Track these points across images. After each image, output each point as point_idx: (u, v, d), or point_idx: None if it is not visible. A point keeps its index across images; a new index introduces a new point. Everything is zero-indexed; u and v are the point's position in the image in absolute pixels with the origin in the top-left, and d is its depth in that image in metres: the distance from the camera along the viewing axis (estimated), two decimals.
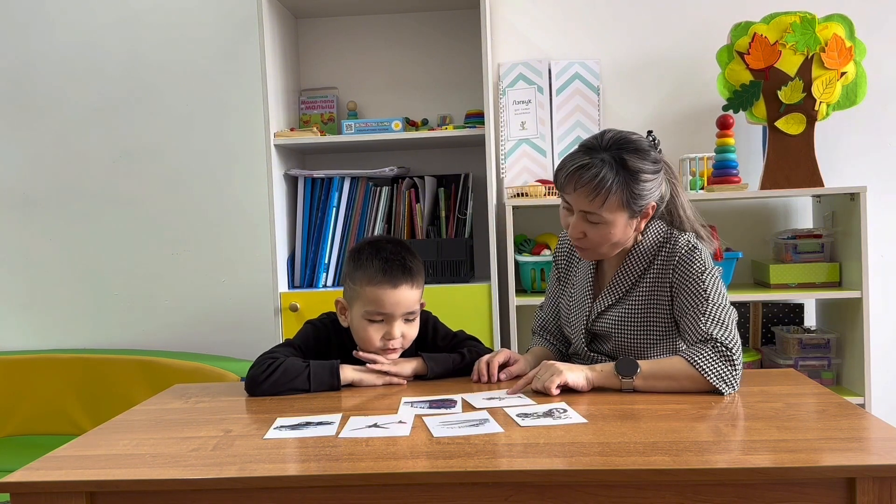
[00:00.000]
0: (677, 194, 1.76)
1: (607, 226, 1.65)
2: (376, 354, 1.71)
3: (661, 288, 1.70)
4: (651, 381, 1.55)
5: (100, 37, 3.10)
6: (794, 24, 2.54)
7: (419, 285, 1.74)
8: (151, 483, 1.14)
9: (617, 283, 1.74)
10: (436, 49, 2.98)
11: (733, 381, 1.52)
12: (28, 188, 3.16)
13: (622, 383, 1.56)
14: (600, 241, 1.67)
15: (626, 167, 1.61)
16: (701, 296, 1.62)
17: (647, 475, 1.10)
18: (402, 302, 1.69)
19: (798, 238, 2.65)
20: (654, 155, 1.68)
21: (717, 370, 1.52)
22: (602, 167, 1.60)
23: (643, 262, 1.72)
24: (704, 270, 1.65)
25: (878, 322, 2.79)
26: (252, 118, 3.00)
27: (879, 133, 2.85)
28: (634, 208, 1.65)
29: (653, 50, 2.91)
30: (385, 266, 1.69)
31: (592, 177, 1.60)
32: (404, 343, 1.74)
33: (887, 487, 1.09)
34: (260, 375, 1.64)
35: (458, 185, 2.77)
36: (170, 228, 3.11)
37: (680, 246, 1.68)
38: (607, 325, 1.75)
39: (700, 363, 1.52)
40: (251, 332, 2.99)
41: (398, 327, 1.71)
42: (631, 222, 1.67)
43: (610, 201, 1.61)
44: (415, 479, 1.12)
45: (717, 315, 1.59)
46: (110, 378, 2.86)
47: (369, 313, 1.70)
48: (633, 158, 1.62)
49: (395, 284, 1.68)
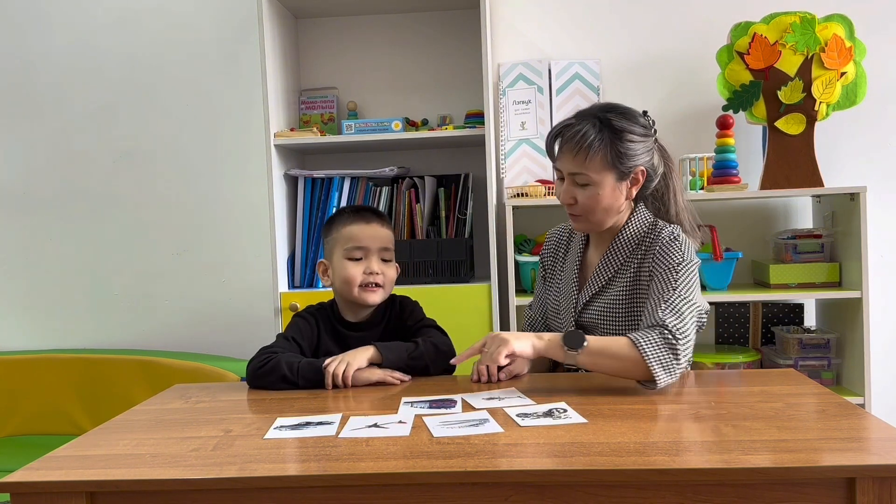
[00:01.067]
0: (672, 179, 1.79)
1: (595, 187, 1.69)
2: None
3: (644, 277, 1.71)
4: (596, 358, 1.54)
5: (100, 37, 3.10)
6: (794, 25, 2.54)
7: (390, 227, 1.90)
8: (151, 483, 1.14)
9: (602, 269, 1.77)
10: (436, 49, 2.98)
11: (672, 370, 1.50)
12: (28, 188, 3.16)
13: (566, 355, 1.55)
14: (591, 205, 1.71)
15: (610, 126, 1.67)
16: (670, 284, 1.63)
17: (647, 475, 1.10)
18: (377, 235, 1.84)
19: (798, 238, 2.65)
20: (644, 122, 1.73)
21: (658, 356, 1.50)
22: (585, 125, 1.68)
23: (628, 248, 1.74)
24: (681, 262, 1.65)
25: (878, 322, 2.79)
26: (252, 118, 3.00)
27: (879, 133, 2.85)
28: (621, 168, 1.68)
29: (653, 50, 2.91)
30: (356, 208, 1.91)
31: (575, 133, 1.67)
32: (385, 283, 1.84)
33: (887, 487, 1.09)
34: (256, 368, 1.71)
35: (458, 185, 2.77)
36: (170, 228, 3.11)
37: (663, 235, 1.70)
38: (594, 316, 1.76)
39: (644, 347, 1.51)
40: (251, 332, 2.99)
41: (376, 262, 1.83)
42: (619, 185, 1.70)
43: (594, 158, 1.66)
44: (415, 479, 1.12)
45: (676, 305, 1.59)
46: (110, 378, 2.86)
47: (348, 251, 1.83)
48: (618, 119, 1.68)
49: (367, 221, 1.85)
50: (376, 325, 1.89)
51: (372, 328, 1.88)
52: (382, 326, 1.89)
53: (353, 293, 1.83)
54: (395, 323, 1.90)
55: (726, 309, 2.85)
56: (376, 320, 1.89)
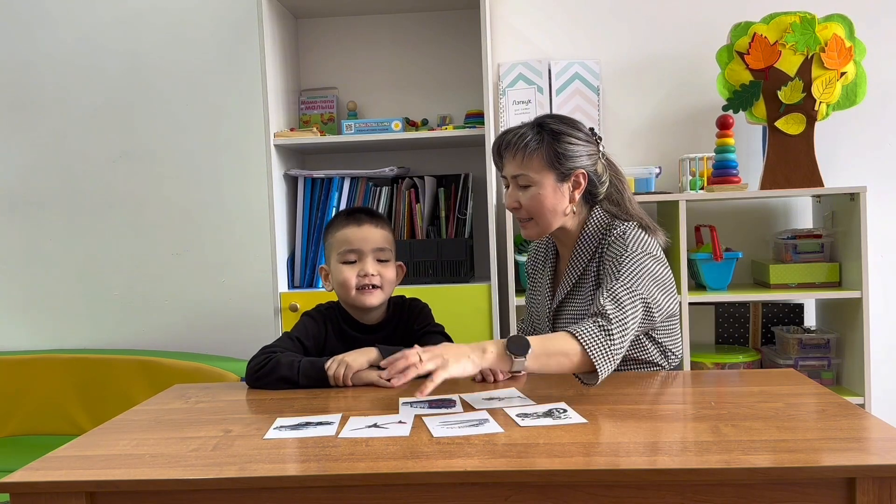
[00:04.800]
0: (623, 189, 1.83)
1: (537, 187, 1.74)
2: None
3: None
4: (543, 360, 1.47)
5: (100, 37, 3.10)
6: (794, 24, 2.54)
7: (385, 229, 1.87)
8: (151, 483, 1.14)
9: (569, 273, 1.80)
10: (436, 49, 2.98)
11: (610, 357, 1.47)
12: (28, 188, 3.16)
13: (514, 363, 1.46)
14: (535, 207, 1.75)
15: (549, 129, 1.74)
16: (613, 276, 1.65)
17: (647, 475, 1.10)
18: (369, 237, 1.83)
19: (798, 238, 2.65)
20: (585, 130, 1.79)
21: (597, 345, 1.47)
22: (523, 129, 1.76)
23: (589, 250, 1.78)
24: (625, 254, 1.67)
25: (878, 322, 2.79)
26: (252, 118, 3.00)
27: (879, 133, 2.85)
28: (561, 169, 1.73)
29: (653, 50, 2.91)
30: (349, 212, 1.90)
31: (514, 135, 1.76)
32: (383, 283, 1.83)
33: (887, 487, 1.09)
34: (255, 369, 1.71)
35: (458, 185, 2.77)
36: (170, 228, 3.11)
37: (616, 233, 1.73)
38: (566, 320, 1.79)
39: (584, 338, 1.48)
40: (251, 332, 2.99)
41: (370, 264, 1.82)
42: (560, 187, 1.74)
43: (532, 158, 1.73)
44: (415, 479, 1.12)
45: (617, 294, 1.58)
46: (110, 378, 2.86)
47: (342, 255, 1.83)
48: (557, 123, 1.76)
49: (359, 223, 1.84)
50: (384, 327, 1.89)
51: (379, 331, 1.88)
52: (390, 329, 1.89)
53: (351, 296, 1.83)
54: (403, 326, 1.89)
55: (726, 309, 2.85)
56: (384, 323, 1.89)
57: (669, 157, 2.87)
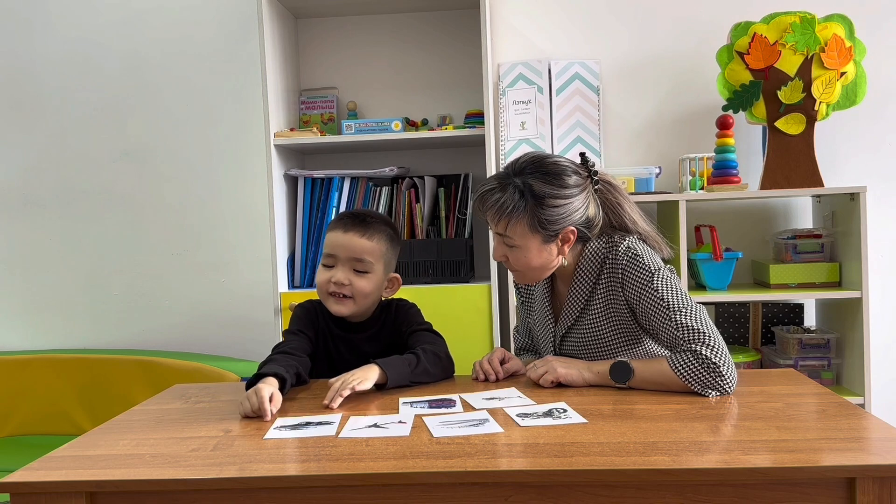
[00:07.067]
0: (623, 210, 1.72)
1: (521, 250, 1.66)
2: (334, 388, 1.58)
3: (615, 301, 1.68)
4: (643, 385, 1.56)
5: (100, 37, 3.10)
6: (794, 24, 2.54)
7: (374, 239, 1.78)
8: (151, 483, 1.14)
9: (571, 303, 1.73)
10: (436, 49, 2.98)
11: (721, 384, 1.50)
12: (28, 188, 3.16)
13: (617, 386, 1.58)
14: (521, 264, 1.68)
15: (532, 192, 1.61)
16: (660, 304, 1.59)
17: (647, 475, 1.10)
18: (348, 245, 1.76)
19: (798, 238, 2.65)
20: (574, 179, 1.64)
21: (700, 378, 1.50)
22: (504, 193, 1.62)
23: (591, 278, 1.70)
24: (652, 277, 1.61)
25: (878, 322, 2.79)
26: (252, 118, 3.00)
27: (879, 133, 2.85)
28: (547, 232, 1.63)
29: (653, 50, 2.91)
30: (346, 215, 1.83)
31: (494, 202, 1.63)
32: (354, 294, 1.76)
33: (887, 487, 1.09)
34: (249, 384, 1.62)
35: (458, 185, 2.77)
36: (170, 228, 3.11)
37: (620, 255, 1.65)
38: (574, 349, 1.76)
39: (683, 372, 1.51)
40: (251, 332, 3.00)
41: (342, 271, 1.76)
42: (547, 247, 1.65)
43: (514, 225, 1.63)
44: (414, 479, 1.12)
45: (683, 320, 1.55)
46: (110, 378, 2.86)
47: (323, 257, 1.80)
48: (540, 183, 1.61)
49: (345, 229, 1.78)
50: (369, 327, 1.85)
51: (365, 330, 1.85)
52: (376, 329, 1.86)
53: (323, 300, 1.81)
54: (389, 326, 1.86)
55: (726, 309, 2.85)
56: (369, 322, 1.86)
57: (669, 157, 2.87)
